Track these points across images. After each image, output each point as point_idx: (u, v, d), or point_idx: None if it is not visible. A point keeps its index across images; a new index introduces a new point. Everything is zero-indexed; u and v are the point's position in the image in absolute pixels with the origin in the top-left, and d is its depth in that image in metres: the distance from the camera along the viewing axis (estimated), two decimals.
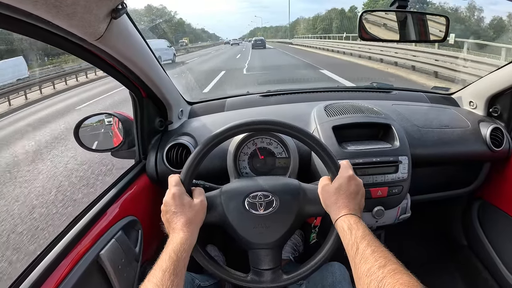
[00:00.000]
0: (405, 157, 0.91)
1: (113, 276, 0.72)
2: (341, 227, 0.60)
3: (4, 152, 4.38)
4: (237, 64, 13.03)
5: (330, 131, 0.94)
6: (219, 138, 0.69)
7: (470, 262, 1.31)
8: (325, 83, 6.91)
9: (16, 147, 4.56)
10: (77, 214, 0.76)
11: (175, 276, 0.53)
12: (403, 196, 0.92)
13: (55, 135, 4.91)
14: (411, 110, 1.13)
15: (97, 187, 2.88)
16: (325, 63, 10.66)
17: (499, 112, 1.15)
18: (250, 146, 0.95)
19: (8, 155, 4.24)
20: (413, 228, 1.32)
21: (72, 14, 0.51)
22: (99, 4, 0.54)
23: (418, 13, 0.95)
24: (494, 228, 1.20)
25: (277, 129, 0.70)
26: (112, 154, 0.99)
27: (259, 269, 0.69)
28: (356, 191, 0.65)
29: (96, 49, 0.65)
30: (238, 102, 1.26)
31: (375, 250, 0.53)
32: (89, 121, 0.98)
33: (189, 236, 0.61)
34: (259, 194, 0.69)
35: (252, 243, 0.69)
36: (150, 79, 0.86)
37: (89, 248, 0.70)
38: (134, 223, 0.85)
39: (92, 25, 0.57)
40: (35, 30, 0.54)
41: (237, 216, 0.68)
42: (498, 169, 1.16)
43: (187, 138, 0.99)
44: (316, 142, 0.69)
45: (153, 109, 0.99)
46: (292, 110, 1.14)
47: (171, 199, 0.64)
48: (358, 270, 0.52)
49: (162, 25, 24.84)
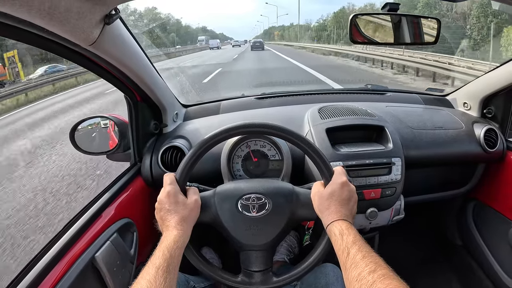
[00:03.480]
0: (398, 159, 0.92)
1: (108, 278, 0.73)
2: (332, 232, 0.61)
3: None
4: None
5: (324, 134, 0.94)
6: (214, 139, 0.70)
7: (465, 262, 1.32)
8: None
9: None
10: (72, 217, 0.76)
11: (168, 273, 0.54)
12: (396, 197, 0.93)
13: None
14: (405, 112, 1.14)
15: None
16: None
17: (493, 113, 1.15)
18: (243, 149, 0.96)
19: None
20: (407, 229, 1.33)
21: (66, 20, 0.52)
22: (92, 10, 0.55)
23: (412, 16, 0.96)
24: (489, 228, 1.21)
25: (272, 132, 0.71)
26: (108, 157, 1.00)
27: (250, 271, 0.70)
28: (349, 197, 0.66)
29: (90, 54, 0.66)
30: (233, 104, 1.27)
31: (365, 255, 0.53)
32: (85, 124, 0.99)
33: (182, 234, 0.62)
34: (252, 196, 0.69)
35: (244, 244, 0.69)
36: (145, 83, 0.87)
37: (84, 250, 0.71)
38: (129, 225, 0.86)
39: (86, 30, 0.58)
40: (29, 36, 0.55)
41: (229, 217, 0.69)
42: (492, 170, 1.17)
43: (181, 141, 0.99)
44: (311, 147, 0.69)
45: (148, 112, 1.00)
46: (286, 112, 1.15)
47: (165, 197, 0.65)
48: (349, 275, 0.52)
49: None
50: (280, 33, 60.12)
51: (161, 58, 13.69)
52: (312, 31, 34.73)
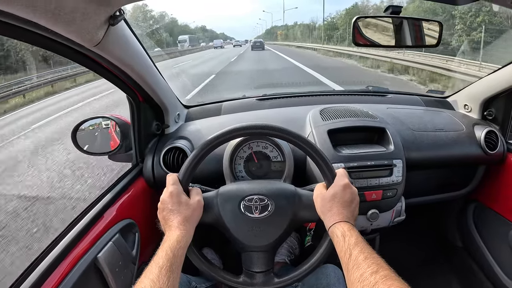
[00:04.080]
0: (400, 161, 0.92)
1: (110, 278, 0.73)
2: (334, 234, 0.61)
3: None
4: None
5: (325, 135, 0.95)
6: (217, 141, 0.70)
7: (466, 264, 1.32)
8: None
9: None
10: (74, 217, 0.77)
11: (171, 272, 0.54)
12: (397, 199, 0.93)
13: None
14: (406, 114, 1.14)
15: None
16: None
17: (494, 115, 1.16)
18: (245, 150, 0.96)
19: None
20: (408, 230, 1.33)
21: (71, 21, 0.52)
22: (97, 11, 0.55)
23: (413, 18, 0.97)
24: (489, 230, 1.21)
25: (274, 134, 0.71)
26: (109, 157, 1.00)
27: (252, 271, 0.70)
28: (351, 200, 0.66)
29: (94, 54, 0.66)
30: (235, 106, 1.27)
31: (367, 257, 0.54)
32: (87, 124, 0.99)
33: (185, 234, 0.62)
34: (255, 198, 0.70)
35: (246, 245, 0.70)
36: (147, 83, 0.87)
37: (86, 251, 0.71)
38: (131, 226, 0.86)
39: (90, 31, 0.58)
40: (34, 37, 0.55)
41: (232, 218, 0.69)
42: (492, 171, 1.17)
43: (184, 142, 0.99)
44: (313, 148, 0.69)
45: (150, 113, 1.00)
46: (288, 113, 1.15)
47: (168, 197, 0.66)
48: (351, 276, 0.53)
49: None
50: (284, 32, 55.26)
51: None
52: (320, 30, 30.12)
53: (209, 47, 36.77)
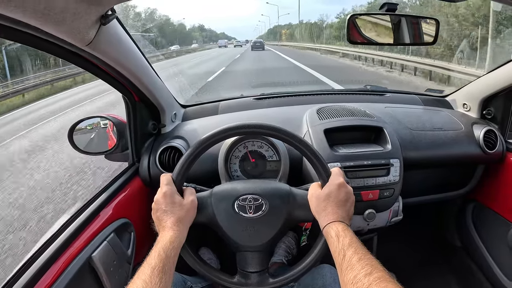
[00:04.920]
0: (397, 160, 0.92)
1: (105, 278, 0.73)
2: (329, 234, 0.61)
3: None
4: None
5: (322, 134, 0.94)
6: (211, 140, 0.70)
7: (464, 264, 1.31)
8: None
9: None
10: (69, 216, 0.77)
11: (164, 273, 0.54)
12: (394, 199, 0.93)
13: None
14: (404, 113, 1.14)
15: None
16: None
17: (493, 114, 1.15)
18: (241, 149, 0.96)
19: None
20: (406, 230, 1.32)
21: (61, 21, 0.52)
22: (88, 11, 0.55)
23: (411, 16, 0.96)
24: (488, 230, 1.20)
25: (269, 133, 0.71)
26: (106, 157, 1.00)
27: (246, 271, 0.70)
28: (346, 199, 0.66)
29: (87, 54, 0.66)
30: (232, 105, 1.27)
31: (361, 258, 0.53)
32: (84, 124, 0.99)
33: (178, 235, 0.62)
34: (249, 197, 0.69)
35: (240, 245, 0.70)
36: (142, 83, 0.87)
37: (81, 250, 0.71)
38: (126, 225, 0.86)
39: (82, 31, 0.58)
40: (25, 37, 0.55)
41: (226, 218, 0.69)
42: (491, 171, 1.16)
43: (179, 141, 0.99)
44: (308, 148, 0.69)
45: (146, 112, 1.00)
46: (285, 113, 1.15)
47: (162, 198, 0.66)
48: (345, 277, 0.52)
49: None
50: (289, 31, 50.33)
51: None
52: (333, 28, 25.92)
53: (211, 47, 37.61)
